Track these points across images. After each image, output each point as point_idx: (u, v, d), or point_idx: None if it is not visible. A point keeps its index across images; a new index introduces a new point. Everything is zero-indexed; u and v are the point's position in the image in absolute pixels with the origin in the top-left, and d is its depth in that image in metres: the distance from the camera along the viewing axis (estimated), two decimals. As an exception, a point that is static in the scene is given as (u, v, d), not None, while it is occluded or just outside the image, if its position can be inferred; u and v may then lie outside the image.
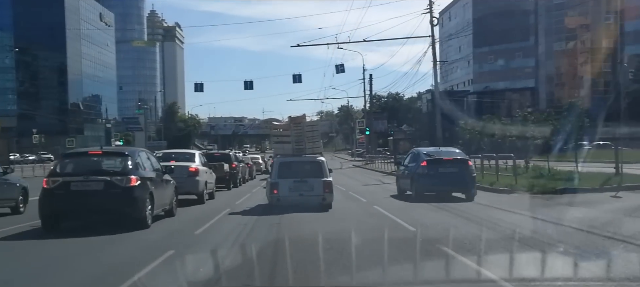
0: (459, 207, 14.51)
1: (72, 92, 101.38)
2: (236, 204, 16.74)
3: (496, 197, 17.58)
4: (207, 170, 17.80)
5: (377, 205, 15.37)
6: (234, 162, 25.68)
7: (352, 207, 15.60)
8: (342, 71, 40.69)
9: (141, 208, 10.86)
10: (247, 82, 40.62)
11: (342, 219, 12.69)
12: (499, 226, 10.97)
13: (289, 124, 15.88)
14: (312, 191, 13.87)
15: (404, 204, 15.96)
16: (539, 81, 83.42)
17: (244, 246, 9.19)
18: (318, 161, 14.52)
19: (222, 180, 23.31)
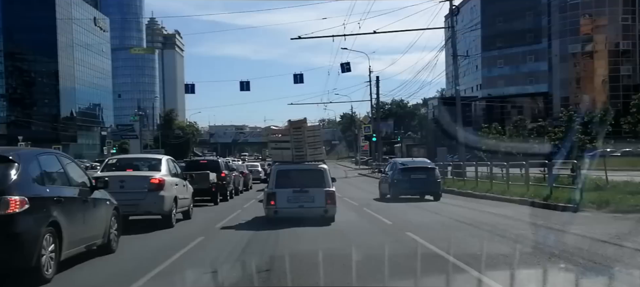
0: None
1: (64, 98, 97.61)
2: (217, 227, 12.95)
3: (567, 217, 13.45)
4: (180, 182, 13.77)
5: (413, 232, 11.19)
6: (224, 171, 21.84)
7: (377, 235, 11.66)
8: (348, 70, 37.04)
9: (29, 252, 6.61)
10: (244, 82, 37.01)
11: (371, 260, 8.14)
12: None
13: (289, 129, 14.44)
14: (313, 203, 12.80)
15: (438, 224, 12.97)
16: (553, 85, 79.52)
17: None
18: (320, 169, 13.43)
19: (207, 193, 19.63)
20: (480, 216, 14.26)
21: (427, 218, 14.48)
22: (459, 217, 14.08)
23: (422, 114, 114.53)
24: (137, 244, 10.55)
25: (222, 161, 24.11)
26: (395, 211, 16.29)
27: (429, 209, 16.92)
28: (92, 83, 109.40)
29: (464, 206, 17.55)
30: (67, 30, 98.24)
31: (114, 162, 13.64)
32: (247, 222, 13.77)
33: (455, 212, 15.64)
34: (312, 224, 12.07)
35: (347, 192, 24.03)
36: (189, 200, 14.39)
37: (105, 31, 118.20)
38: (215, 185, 19.87)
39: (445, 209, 16.64)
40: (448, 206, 17.86)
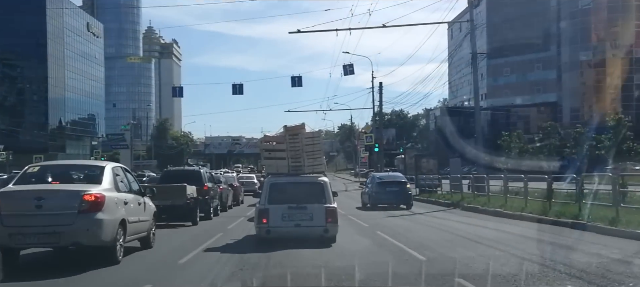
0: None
1: (53, 106, 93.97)
2: (181, 262, 9.51)
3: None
4: (135, 198, 10.34)
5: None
6: (206, 184, 18.36)
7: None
8: (351, 73, 33.81)
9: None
10: (236, 85, 33.70)
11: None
12: None
13: (284, 136, 12.66)
14: (312, 221, 11.39)
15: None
16: (563, 95, 76.18)
17: None
18: (319, 182, 11.95)
19: (183, 211, 16.20)
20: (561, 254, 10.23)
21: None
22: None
23: (423, 125, 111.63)
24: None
25: (205, 171, 20.44)
26: (413, 235, 12.99)
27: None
28: (84, 91, 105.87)
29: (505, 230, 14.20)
30: (58, 36, 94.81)
31: (35, 171, 9.79)
32: (229, 248, 11.27)
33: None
34: (310, 245, 10.62)
35: (351, 209, 20.67)
36: (148, 223, 10.99)
37: (99, 37, 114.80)
38: (193, 200, 16.55)
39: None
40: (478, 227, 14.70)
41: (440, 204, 23.15)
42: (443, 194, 25.70)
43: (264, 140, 13.24)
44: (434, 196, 26.12)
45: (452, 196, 23.83)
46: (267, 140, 13.13)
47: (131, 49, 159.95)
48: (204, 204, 17.70)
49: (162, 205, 15.20)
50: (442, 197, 24.62)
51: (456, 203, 21.80)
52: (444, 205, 22.59)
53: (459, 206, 21.32)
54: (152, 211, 11.27)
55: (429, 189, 28.36)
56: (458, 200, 22.12)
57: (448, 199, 23.48)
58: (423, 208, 22.10)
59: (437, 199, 24.69)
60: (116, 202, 9.22)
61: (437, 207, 22.14)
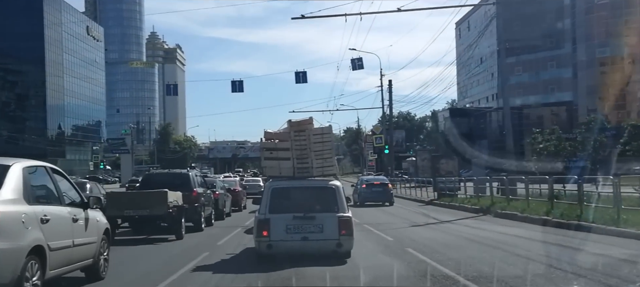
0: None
1: (52, 111, 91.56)
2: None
3: None
4: (68, 213, 7.42)
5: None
6: (195, 189, 15.82)
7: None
8: (360, 67, 31.18)
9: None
10: (236, 82, 31.23)
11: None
12: None
13: (288, 132, 10.84)
14: (322, 233, 9.47)
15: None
16: (578, 94, 73.25)
17: None
18: (331, 186, 10.08)
19: (164, 222, 13.68)
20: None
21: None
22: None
23: (431, 127, 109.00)
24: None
25: (195, 174, 17.66)
26: (456, 254, 10.23)
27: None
28: (84, 96, 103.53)
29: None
30: (56, 40, 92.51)
31: None
32: (220, 268, 9.33)
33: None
34: (320, 262, 8.91)
35: (368, 218, 17.97)
36: (94, 246, 8.18)
37: (99, 41, 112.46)
38: (177, 209, 13.84)
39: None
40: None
41: (467, 210, 20.40)
42: (467, 198, 22.89)
43: (266, 138, 11.13)
44: (456, 201, 23.38)
45: (479, 201, 21.05)
46: (268, 138, 11.08)
47: (134, 54, 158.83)
48: (193, 213, 15.23)
49: (137, 215, 13.40)
50: (468, 202, 21.82)
51: (486, 209, 19.05)
52: (472, 211, 19.82)
53: (489, 212, 18.59)
54: (102, 229, 8.54)
55: (450, 193, 25.62)
56: (488, 205, 19.36)
57: (475, 204, 20.71)
58: (449, 215, 19.33)
59: (462, 204, 21.91)
60: (24, 221, 6.26)
61: (464, 214, 19.38)
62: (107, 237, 8.72)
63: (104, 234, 8.55)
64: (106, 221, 8.86)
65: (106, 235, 8.69)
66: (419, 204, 26.67)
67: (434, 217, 18.53)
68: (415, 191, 33.01)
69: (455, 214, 19.67)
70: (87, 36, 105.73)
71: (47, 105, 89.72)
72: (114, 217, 12.99)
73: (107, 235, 8.73)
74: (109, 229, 8.89)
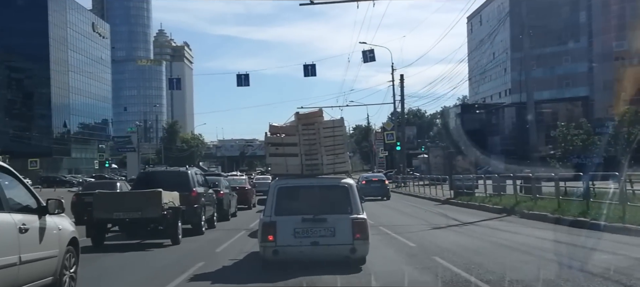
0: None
1: (57, 108, 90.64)
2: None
3: None
4: (11, 223, 5.84)
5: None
6: (195, 189, 14.57)
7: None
8: (371, 59, 29.82)
9: None
10: (242, 75, 29.85)
11: None
12: None
13: (296, 125, 9.76)
14: (334, 237, 8.50)
15: None
16: (595, 89, 71.37)
17: None
18: (343, 185, 9.08)
19: (158, 225, 12.39)
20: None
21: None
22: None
23: (442, 124, 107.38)
24: None
25: (195, 172, 16.17)
26: (494, 265, 8.75)
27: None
28: (90, 93, 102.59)
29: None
30: (61, 36, 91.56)
31: None
32: (218, 278, 8.42)
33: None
34: (331, 270, 8.05)
35: (382, 218, 16.55)
36: (52, 262, 6.69)
37: (105, 38, 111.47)
38: (172, 211, 12.54)
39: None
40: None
41: (488, 210, 18.89)
42: (488, 197, 21.33)
43: (270, 132, 10.03)
44: (475, 200, 21.87)
45: (501, 200, 19.52)
46: (273, 132, 9.98)
47: (142, 52, 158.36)
48: (192, 214, 14.02)
49: (128, 218, 12.21)
50: (489, 201, 20.28)
51: (510, 209, 17.54)
52: (494, 211, 18.30)
53: (513, 212, 17.09)
54: (66, 240, 7.07)
55: (468, 191, 24.11)
56: (511, 205, 17.84)
57: (497, 204, 19.18)
58: (470, 215, 17.84)
59: (482, 203, 20.38)
60: None
61: (486, 214, 17.88)
62: (74, 249, 7.27)
63: (69, 245, 7.09)
64: (73, 229, 7.39)
65: (73, 246, 7.24)
66: (434, 203, 25.18)
67: (454, 217, 17.04)
68: (428, 189, 31.54)
69: (477, 214, 18.18)
70: (93, 33, 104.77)
71: (52, 103, 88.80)
72: (102, 220, 12.18)
73: (74, 246, 7.27)
74: (76, 238, 7.38)
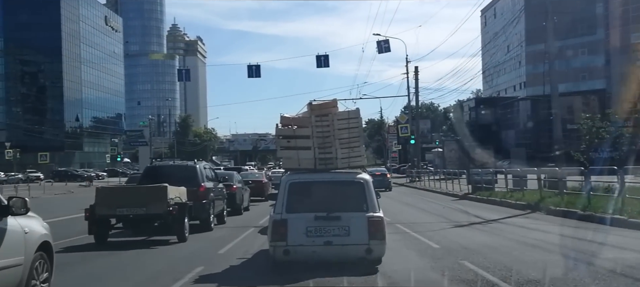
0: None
1: (69, 102, 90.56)
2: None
3: None
4: None
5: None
6: (203, 184, 14.06)
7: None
8: (386, 50, 28.97)
9: None
10: (252, 66, 29.19)
11: None
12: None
13: (309, 117, 9.16)
14: (349, 236, 8.01)
15: None
16: (612, 81, 69.97)
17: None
18: (359, 181, 8.54)
19: (163, 222, 11.90)
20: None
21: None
22: None
23: (456, 117, 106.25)
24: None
25: (204, 166, 15.64)
26: (533, 270, 8.00)
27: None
28: (103, 87, 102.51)
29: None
30: (74, 30, 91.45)
31: None
32: (223, 280, 7.89)
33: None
34: (346, 271, 7.44)
35: (398, 215, 15.80)
36: (15, 271, 5.81)
37: (118, 32, 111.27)
38: (178, 207, 12.01)
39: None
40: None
41: (511, 206, 18.10)
42: (509, 192, 20.49)
43: (282, 123, 9.45)
44: (495, 195, 21.06)
45: (523, 195, 18.71)
46: (285, 123, 9.42)
47: (155, 47, 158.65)
48: (201, 210, 13.50)
49: (132, 215, 11.75)
50: (510, 196, 19.47)
51: (534, 205, 16.75)
52: (517, 207, 17.52)
53: (538, 208, 16.30)
54: (35, 245, 6.15)
55: (487, 186, 23.31)
56: (536, 201, 17.04)
57: (519, 199, 18.38)
58: (492, 211, 17.06)
59: (504, 199, 19.58)
60: None
61: (509, 211, 17.11)
62: (47, 255, 6.40)
63: (39, 251, 6.20)
64: (45, 232, 6.47)
65: (46, 251, 6.37)
66: (452, 199, 24.41)
67: (476, 214, 16.25)
68: (444, 184, 30.72)
69: (499, 210, 17.41)
70: (106, 27, 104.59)
71: (65, 97, 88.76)
72: (105, 216, 11.78)
73: (47, 251, 6.40)
74: (49, 242, 6.49)
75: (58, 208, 21.37)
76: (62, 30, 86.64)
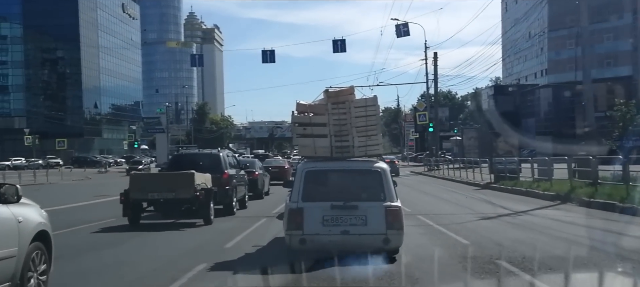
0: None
1: (87, 90, 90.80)
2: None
3: None
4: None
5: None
6: (226, 170, 14.95)
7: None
8: (405, 34, 27.97)
9: None
10: (267, 51, 28.45)
11: None
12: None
13: (325, 104, 9.01)
14: (366, 226, 7.88)
15: None
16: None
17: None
18: (376, 169, 8.35)
19: (191, 206, 12.77)
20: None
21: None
22: None
23: (475, 106, 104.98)
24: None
25: (227, 155, 16.37)
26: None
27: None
28: (121, 74, 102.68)
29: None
30: (92, 17, 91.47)
31: None
32: (241, 265, 8.13)
33: None
34: (363, 261, 7.24)
35: (419, 205, 14.99)
36: (8, 263, 5.38)
37: (135, 19, 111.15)
38: (205, 192, 12.90)
39: None
40: None
41: (538, 196, 17.21)
42: (535, 182, 19.54)
43: (298, 110, 9.38)
44: (521, 185, 20.14)
45: (551, 185, 17.77)
46: (301, 111, 9.36)
47: (172, 35, 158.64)
48: (224, 196, 14.41)
49: (162, 199, 12.76)
50: (537, 186, 18.54)
51: (564, 196, 15.84)
52: (546, 198, 16.63)
53: (569, 199, 15.40)
54: (31, 234, 5.74)
55: (511, 175, 22.38)
56: (566, 191, 16.12)
57: (547, 190, 17.46)
58: (519, 202, 16.19)
59: (530, 189, 18.67)
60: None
61: (537, 201, 16.24)
62: (44, 245, 5.99)
63: (36, 241, 5.79)
64: (41, 221, 6.04)
65: (43, 241, 5.95)
66: (474, 188, 23.53)
67: (502, 205, 15.39)
68: (465, 173, 29.79)
69: (526, 201, 16.54)
70: (123, 14, 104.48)
71: (83, 84, 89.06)
72: (138, 200, 12.77)
73: (44, 241, 5.98)
74: (47, 231, 6.06)
75: (78, 194, 21.38)
76: (79, 18, 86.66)
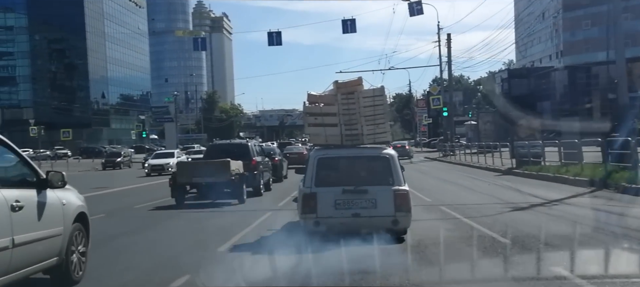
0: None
1: (94, 79, 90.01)
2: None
3: None
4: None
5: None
6: (254, 157, 17.51)
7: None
8: (419, 13, 26.49)
9: None
10: (273, 33, 27.20)
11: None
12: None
13: (335, 94, 9.64)
14: (376, 209, 8.56)
15: None
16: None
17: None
18: (384, 155, 8.96)
19: (227, 188, 15.10)
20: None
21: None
22: None
23: (488, 89, 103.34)
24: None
25: (254, 144, 19.80)
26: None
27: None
28: (128, 63, 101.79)
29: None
30: (98, 6, 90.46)
31: None
32: (262, 245, 8.46)
33: None
34: (373, 241, 7.48)
35: (439, 194, 13.74)
36: (56, 241, 6.08)
37: (142, 8, 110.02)
38: (239, 176, 15.07)
39: None
40: None
41: (569, 183, 15.91)
42: (564, 167, 18.16)
43: (309, 101, 9.88)
44: (547, 170, 18.81)
45: (582, 170, 16.43)
46: (312, 101, 9.87)
47: (181, 23, 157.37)
48: (253, 179, 16.61)
49: (204, 182, 14.72)
50: (566, 172, 17.21)
51: (599, 181, 14.53)
52: (578, 184, 15.30)
53: (605, 185, 14.10)
54: (73, 216, 6.42)
55: (534, 160, 21.05)
56: (601, 176, 14.80)
57: (578, 174, 16.13)
58: (548, 189, 14.89)
59: (558, 174, 17.34)
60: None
61: (569, 188, 14.91)
62: (83, 226, 6.63)
63: (77, 222, 6.45)
64: (81, 204, 6.68)
65: (82, 223, 6.59)
66: (495, 174, 22.24)
67: (530, 193, 14.09)
68: (484, 158, 28.43)
69: (556, 188, 15.23)
70: (129, 3, 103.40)
71: (90, 74, 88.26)
72: (183, 183, 14.94)
73: (83, 222, 6.62)
74: (85, 213, 6.72)
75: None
76: (85, 7, 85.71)
